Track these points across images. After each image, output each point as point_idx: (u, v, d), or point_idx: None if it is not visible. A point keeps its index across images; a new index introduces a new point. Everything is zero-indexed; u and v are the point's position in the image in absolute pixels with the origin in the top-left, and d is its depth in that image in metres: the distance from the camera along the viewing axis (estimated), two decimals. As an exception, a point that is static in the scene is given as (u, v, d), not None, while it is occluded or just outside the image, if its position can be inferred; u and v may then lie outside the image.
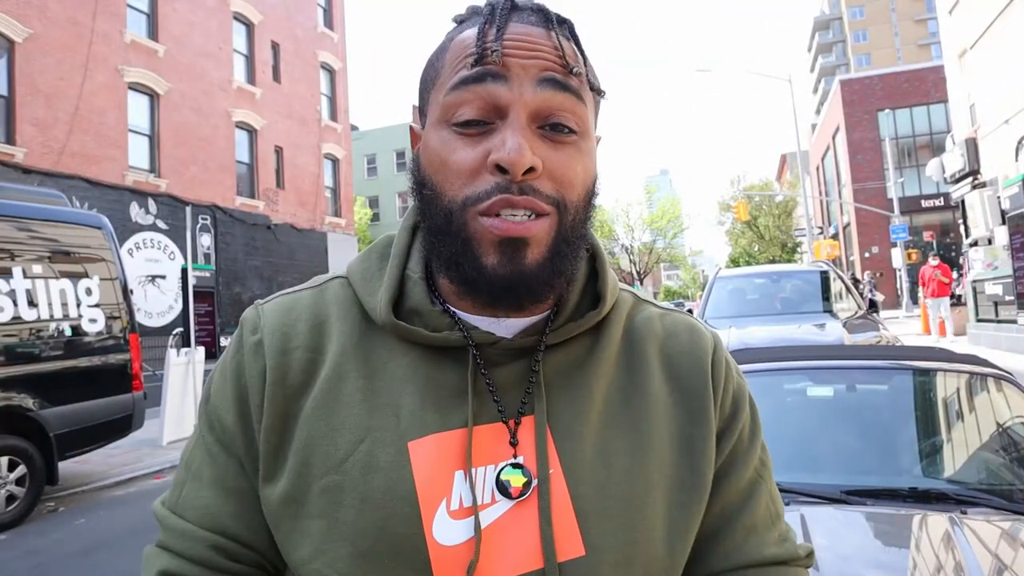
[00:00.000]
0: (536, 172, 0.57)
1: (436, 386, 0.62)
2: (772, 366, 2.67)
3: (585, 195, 0.62)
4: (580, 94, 0.60)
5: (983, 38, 14.37)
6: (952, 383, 2.49)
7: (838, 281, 7.50)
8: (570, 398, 0.63)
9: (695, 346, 0.70)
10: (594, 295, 0.68)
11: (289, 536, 0.59)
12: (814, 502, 1.93)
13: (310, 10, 21.11)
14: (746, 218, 33.62)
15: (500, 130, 0.58)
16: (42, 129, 12.47)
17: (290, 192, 19.37)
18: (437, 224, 0.61)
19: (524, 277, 0.58)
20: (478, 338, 0.63)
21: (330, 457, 0.59)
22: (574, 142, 0.60)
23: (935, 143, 27.21)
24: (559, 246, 0.59)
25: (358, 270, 0.69)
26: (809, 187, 36.86)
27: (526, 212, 0.57)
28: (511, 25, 0.59)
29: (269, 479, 0.61)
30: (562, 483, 0.59)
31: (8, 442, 5.41)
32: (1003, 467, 2.21)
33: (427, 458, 0.59)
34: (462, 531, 0.57)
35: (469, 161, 0.58)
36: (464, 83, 0.58)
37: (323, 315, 0.66)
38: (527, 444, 0.61)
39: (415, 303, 0.64)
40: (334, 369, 0.63)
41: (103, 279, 6.40)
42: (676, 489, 0.63)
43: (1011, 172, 13.73)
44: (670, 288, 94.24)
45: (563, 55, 0.59)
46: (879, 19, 75.85)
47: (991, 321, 12.09)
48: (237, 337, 0.67)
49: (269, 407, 0.62)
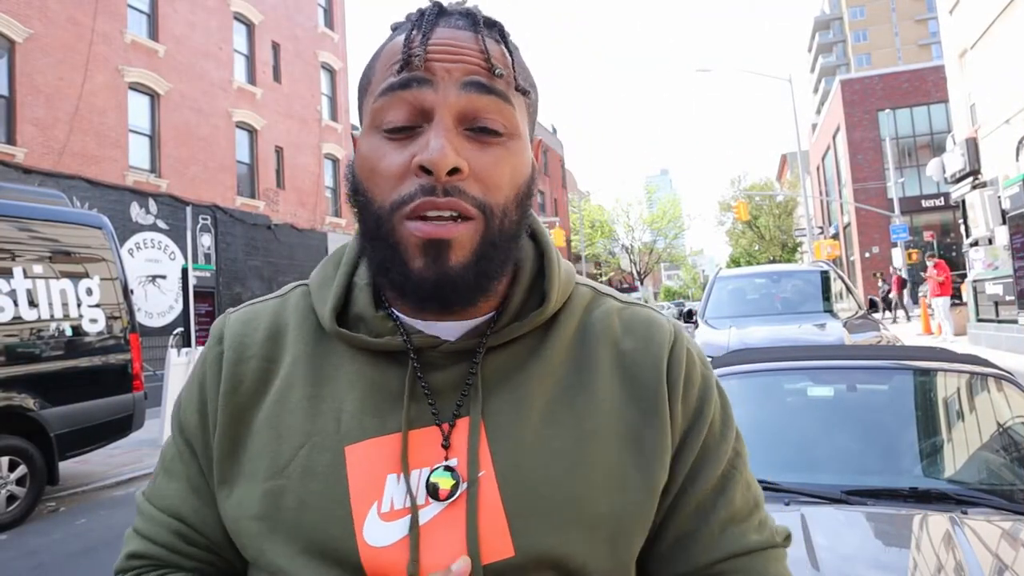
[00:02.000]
0: (462, 173, 0.57)
1: (377, 390, 0.63)
2: (772, 366, 2.67)
3: (515, 196, 0.62)
4: (506, 96, 0.60)
5: (983, 38, 14.36)
6: (952, 383, 2.49)
7: (838, 281, 7.51)
8: (509, 399, 0.63)
9: (651, 342, 0.68)
10: (542, 294, 0.68)
11: (238, 536, 0.63)
12: (814, 502, 1.92)
13: (310, 10, 21.10)
14: (746, 218, 33.59)
15: (426, 132, 0.58)
16: (42, 129, 12.47)
17: (290, 192, 19.37)
18: (370, 230, 0.61)
19: (448, 280, 0.58)
20: (420, 342, 0.63)
21: (275, 463, 0.62)
22: (502, 143, 0.60)
23: (935, 143, 27.19)
24: (485, 249, 0.59)
25: (316, 278, 0.71)
26: (809, 187, 36.85)
27: (451, 214, 0.57)
28: (438, 30, 0.60)
29: (223, 483, 0.64)
30: (493, 485, 0.60)
31: (9, 442, 5.41)
32: (1004, 467, 2.21)
33: (362, 462, 0.60)
34: (391, 533, 0.58)
35: (396, 165, 0.59)
36: (391, 89, 0.59)
37: (282, 324, 0.69)
38: (460, 447, 0.61)
39: (360, 309, 0.66)
40: (285, 377, 0.65)
41: (103, 279, 6.40)
42: (623, 489, 0.62)
43: (1011, 172, 13.73)
44: (670, 288, 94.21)
45: (488, 58, 0.59)
46: (879, 19, 75.84)
47: (991, 321, 12.09)
48: (205, 347, 0.71)
49: (223, 414, 0.65)
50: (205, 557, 0.68)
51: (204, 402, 0.67)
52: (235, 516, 0.62)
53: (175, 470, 0.69)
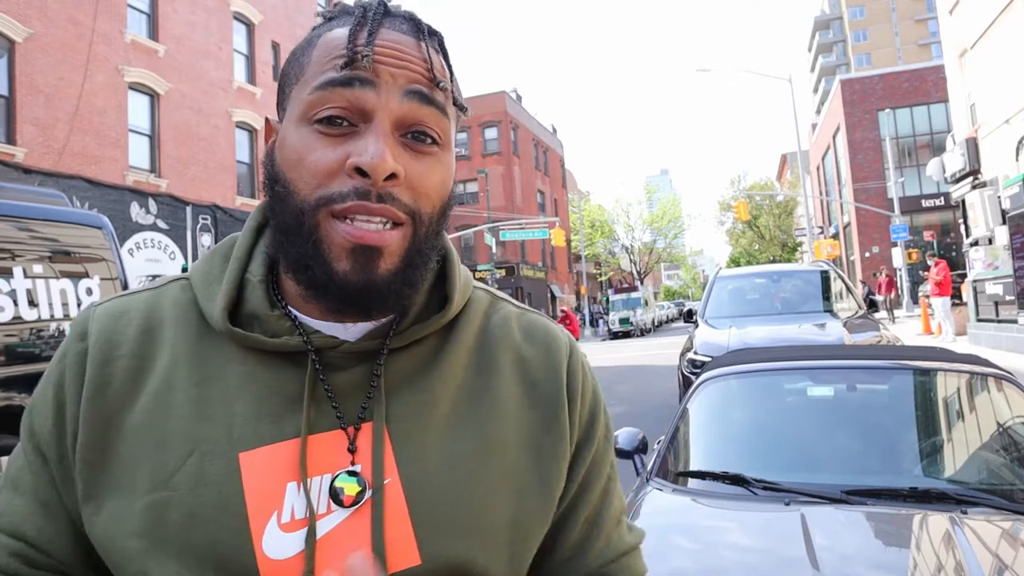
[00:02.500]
0: (397, 180, 0.57)
1: (273, 394, 0.60)
2: (772, 366, 2.67)
3: (440, 207, 0.62)
4: (444, 108, 0.60)
5: (983, 38, 14.37)
6: (952, 383, 2.49)
7: (838, 281, 7.51)
8: (413, 402, 0.62)
9: (551, 352, 0.70)
10: (442, 297, 0.67)
11: (111, 556, 0.56)
12: (814, 502, 1.92)
13: (310, 10, 21.10)
14: (747, 218, 33.60)
15: (363, 135, 0.57)
16: (42, 129, 12.47)
17: (290, 192, 19.40)
18: (287, 223, 0.59)
19: (375, 286, 0.57)
20: (319, 342, 0.61)
21: (157, 473, 0.56)
22: (435, 153, 0.60)
23: (935, 143, 27.19)
24: (412, 257, 0.59)
25: (199, 272, 0.67)
26: (809, 187, 36.86)
27: (382, 220, 0.57)
28: (382, 31, 0.59)
29: (91, 498, 0.58)
30: (399, 491, 0.58)
31: (8, 442, 5.42)
32: (1003, 467, 2.21)
33: (259, 470, 0.57)
34: (293, 544, 0.55)
35: (327, 161, 0.57)
36: (331, 84, 0.57)
37: (156, 319, 0.64)
38: (365, 451, 0.59)
39: (253, 307, 0.62)
40: (164, 378, 0.60)
41: (103, 279, 6.40)
42: (523, 494, 0.62)
43: (1011, 172, 13.73)
44: (670, 288, 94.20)
45: (431, 68, 0.59)
46: (879, 19, 75.85)
47: (991, 321, 12.08)
48: (64, 343, 0.64)
49: (86, 421, 0.59)
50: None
51: (62, 405, 0.60)
52: (110, 534, 0.56)
53: (21, 483, 0.61)
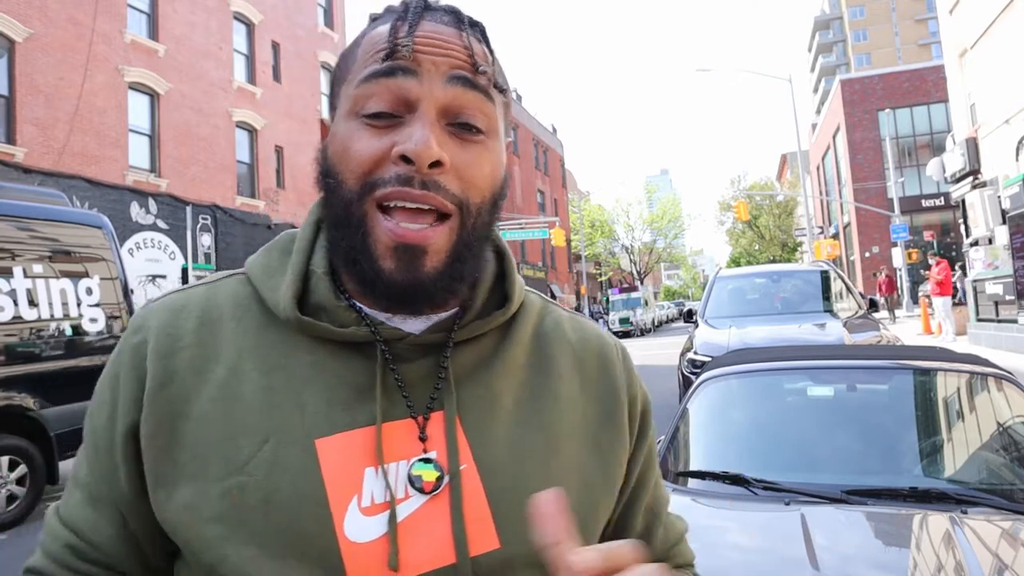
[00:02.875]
0: (443, 167, 0.57)
1: (343, 383, 0.61)
2: (772, 366, 2.67)
3: (490, 197, 0.62)
4: (488, 93, 0.61)
5: (983, 38, 14.36)
6: (952, 383, 2.49)
7: (838, 281, 7.51)
8: (479, 395, 0.64)
9: (604, 353, 0.73)
10: (502, 295, 0.69)
11: (190, 543, 0.57)
12: (814, 502, 1.92)
13: (310, 10, 21.09)
14: (747, 218, 33.60)
15: (408, 123, 0.58)
16: (42, 129, 12.46)
17: (291, 192, 19.36)
18: (338, 215, 0.61)
19: (422, 285, 0.58)
20: (386, 334, 0.62)
21: (230, 460, 0.57)
22: (482, 141, 0.60)
23: (935, 143, 27.19)
24: (459, 251, 0.59)
25: (258, 265, 0.68)
26: (809, 187, 36.85)
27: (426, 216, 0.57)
28: (423, 23, 0.60)
29: (160, 485, 0.59)
30: (475, 477, 0.60)
31: (8, 442, 5.41)
32: (1003, 467, 2.21)
33: (336, 456, 0.58)
34: (374, 527, 0.56)
35: (373, 150, 0.58)
36: (375, 76, 0.58)
37: (215, 313, 0.64)
38: (438, 439, 0.61)
39: (320, 298, 0.63)
40: (230, 368, 0.61)
41: (103, 279, 6.40)
42: (587, 488, 0.65)
43: (1011, 172, 13.73)
44: (670, 288, 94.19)
45: (472, 55, 0.60)
46: (879, 19, 75.84)
47: (991, 321, 12.08)
48: (123, 339, 0.65)
49: (152, 412, 0.60)
50: (96, 572, 0.62)
51: (116, 400, 0.62)
52: (185, 521, 0.57)
53: (80, 479, 0.64)
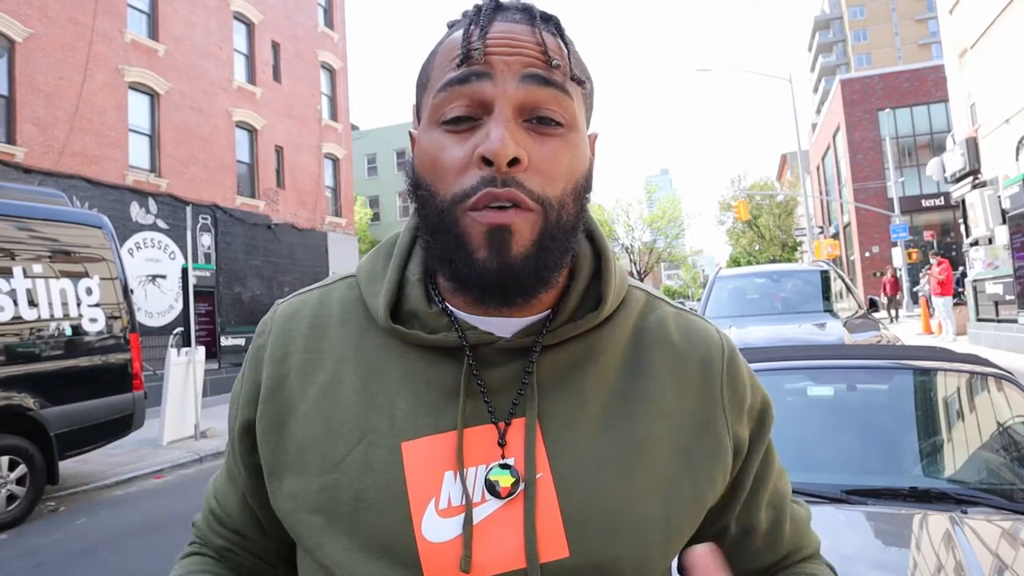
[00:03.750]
0: (522, 164, 0.58)
1: (432, 387, 0.63)
2: (772, 366, 2.66)
3: (573, 189, 0.62)
4: (564, 87, 0.61)
5: (983, 38, 14.36)
6: (952, 383, 2.49)
7: (838, 280, 7.50)
8: (565, 400, 0.63)
9: (708, 354, 0.69)
10: (597, 296, 0.67)
11: (294, 528, 0.63)
12: (814, 502, 1.92)
13: (310, 10, 21.08)
14: (747, 218, 33.59)
15: (486, 125, 0.59)
16: (42, 129, 12.46)
17: (290, 192, 19.36)
18: (432, 223, 0.61)
19: (511, 270, 0.58)
20: (475, 338, 0.63)
21: (328, 458, 0.62)
22: (561, 135, 0.60)
23: (935, 143, 27.17)
24: (544, 242, 0.59)
25: (365, 270, 0.71)
26: (809, 187, 36.84)
27: (509, 203, 0.58)
28: (495, 24, 0.60)
29: (273, 475, 0.65)
30: (550, 486, 0.60)
31: (8, 442, 5.41)
32: (1004, 467, 2.21)
33: (419, 459, 0.60)
34: (450, 529, 0.59)
35: (458, 158, 0.59)
36: (450, 84, 0.60)
37: (325, 316, 0.69)
38: (517, 446, 0.61)
39: (413, 305, 0.66)
40: (333, 372, 0.65)
41: (103, 279, 6.40)
42: (674, 496, 0.63)
43: (1011, 171, 13.72)
44: (670, 288, 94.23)
45: (545, 50, 0.60)
46: (879, 19, 75.81)
47: (991, 320, 12.08)
48: (254, 338, 0.73)
49: (266, 411, 0.66)
50: (230, 537, 0.74)
51: (242, 396, 0.70)
52: (291, 509, 0.63)
53: (227, 456, 0.75)
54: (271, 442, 0.65)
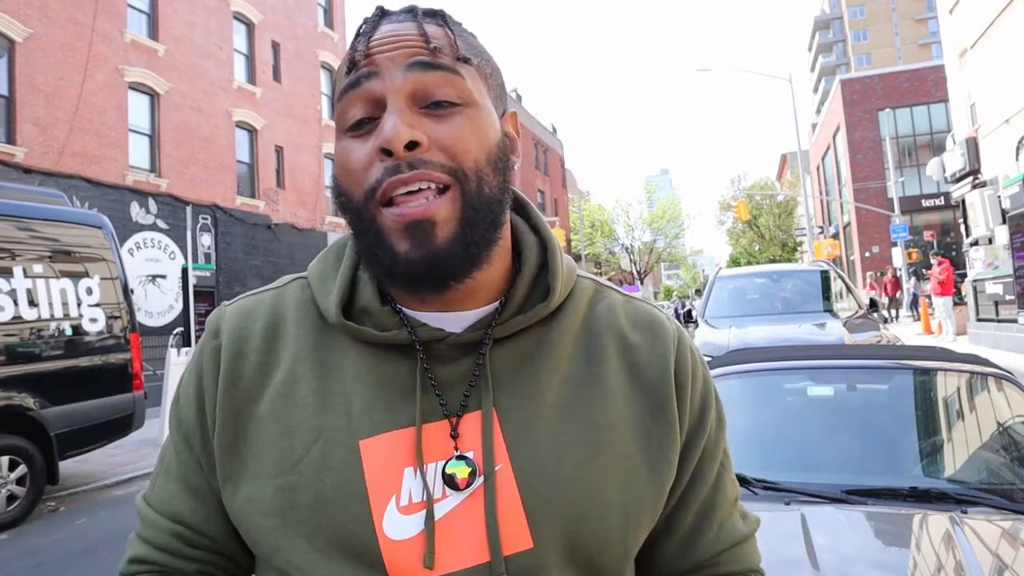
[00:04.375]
0: (422, 147, 0.58)
1: (386, 384, 0.63)
2: (772, 366, 2.66)
3: (487, 159, 0.61)
4: (451, 67, 0.61)
5: (983, 38, 14.36)
6: (953, 382, 2.49)
7: (838, 280, 7.50)
8: (520, 391, 0.64)
9: (658, 340, 0.70)
10: (546, 287, 0.68)
11: (250, 533, 0.62)
12: (814, 502, 1.92)
13: (310, 10, 21.09)
14: (747, 218, 33.57)
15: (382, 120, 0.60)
16: (42, 129, 12.46)
17: (291, 192, 19.36)
18: (355, 226, 0.63)
19: (438, 258, 0.58)
20: (426, 335, 0.64)
21: (285, 459, 0.61)
22: (459, 111, 0.61)
23: (935, 143, 27.17)
24: (468, 215, 0.59)
25: (316, 271, 0.71)
26: (809, 187, 36.83)
27: (422, 185, 0.58)
28: (380, 28, 0.62)
29: (228, 479, 0.63)
30: (510, 477, 0.60)
31: (9, 442, 5.41)
32: (1004, 466, 2.21)
33: (377, 456, 0.60)
34: (412, 526, 0.59)
35: (362, 157, 0.60)
36: (345, 91, 0.62)
37: (279, 317, 0.68)
38: (474, 439, 0.62)
39: (365, 303, 0.66)
40: (289, 372, 0.65)
41: (103, 279, 6.40)
42: (632, 482, 0.63)
43: (1011, 171, 13.72)
44: (670, 288, 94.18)
45: (426, 39, 0.61)
46: (879, 18, 75.80)
47: (991, 320, 12.08)
48: (201, 340, 0.70)
49: (221, 411, 0.64)
50: (208, 558, 0.67)
51: (202, 398, 0.66)
52: (246, 512, 0.61)
53: (172, 470, 0.68)
54: (225, 445, 0.64)
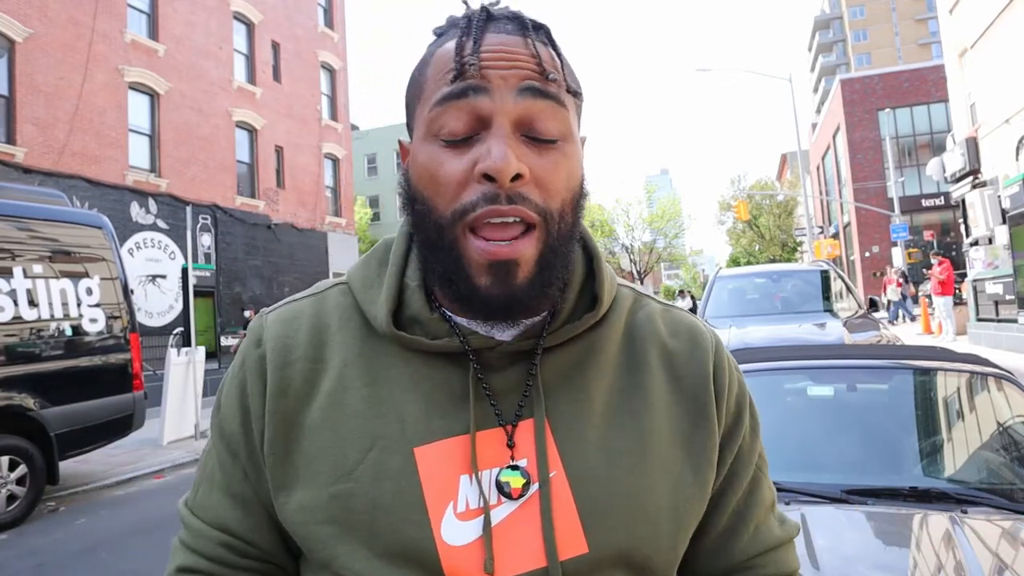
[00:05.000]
0: (524, 179, 0.58)
1: (439, 393, 0.63)
2: (772, 366, 2.66)
3: (571, 200, 0.62)
4: (560, 99, 0.61)
5: (983, 38, 14.36)
6: (952, 382, 2.49)
7: (838, 280, 7.50)
8: (570, 399, 0.64)
9: (696, 347, 0.71)
10: (592, 296, 0.69)
11: (306, 541, 0.62)
12: (815, 502, 1.92)
13: (310, 10, 21.08)
14: (747, 218, 33.57)
15: (485, 140, 0.59)
16: (42, 129, 12.46)
17: (290, 192, 19.35)
18: (430, 238, 0.62)
19: (516, 297, 0.59)
20: (476, 343, 0.64)
21: (339, 466, 0.61)
22: (558, 147, 0.61)
23: (935, 142, 27.16)
24: (547, 258, 0.60)
25: (358, 277, 0.70)
26: (809, 186, 36.84)
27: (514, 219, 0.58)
28: (488, 36, 0.60)
29: (280, 487, 0.63)
30: (564, 484, 0.61)
31: (9, 442, 5.41)
32: (1003, 466, 2.21)
33: (433, 464, 0.61)
34: (469, 532, 0.59)
35: (457, 173, 0.59)
36: (447, 98, 0.59)
37: (323, 324, 0.68)
38: (528, 447, 0.62)
39: (415, 311, 0.65)
40: (338, 379, 0.64)
41: (103, 279, 6.40)
42: (679, 486, 0.65)
43: (1011, 171, 13.72)
44: (670, 288, 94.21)
45: (540, 62, 0.60)
46: (879, 18, 75.79)
47: (991, 320, 12.08)
48: (243, 349, 0.69)
49: (271, 419, 0.64)
50: (257, 567, 0.67)
51: (247, 407, 0.66)
52: (301, 520, 0.61)
53: (217, 480, 0.68)
54: (276, 454, 0.63)
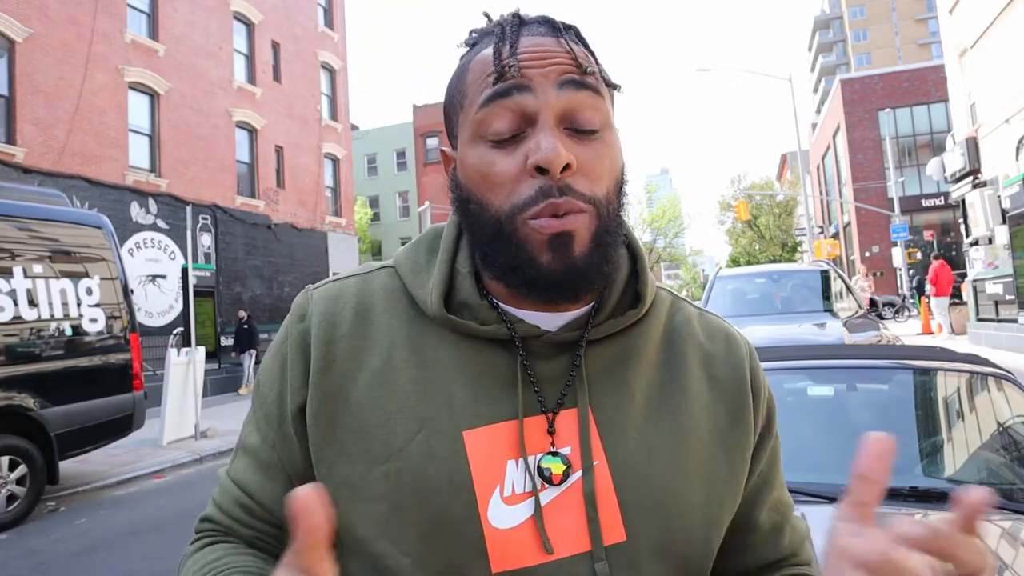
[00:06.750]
0: (572, 169, 0.61)
1: (486, 378, 0.65)
2: (772, 365, 2.66)
3: (615, 186, 0.65)
4: (598, 90, 0.64)
5: (983, 37, 14.36)
6: (952, 382, 2.49)
7: (838, 280, 7.50)
8: (612, 392, 0.67)
9: (733, 351, 0.74)
10: (634, 294, 0.71)
11: (349, 516, 0.63)
12: (815, 502, 1.92)
13: (310, 10, 21.07)
14: (747, 217, 33.58)
15: (532, 135, 0.61)
16: (42, 129, 12.45)
17: (290, 192, 19.35)
18: (488, 234, 0.64)
19: (576, 268, 0.61)
20: (523, 331, 0.66)
21: (389, 445, 0.63)
22: (600, 137, 0.64)
23: (935, 142, 27.17)
24: (601, 237, 0.63)
25: (406, 261, 0.73)
26: (809, 186, 36.83)
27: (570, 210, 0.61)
28: (522, 39, 0.63)
29: (322, 460, 0.65)
30: (606, 472, 0.64)
31: (9, 442, 5.41)
32: (1003, 466, 2.21)
33: (481, 447, 0.63)
34: (515, 515, 0.61)
35: (509, 170, 0.62)
36: (492, 99, 0.62)
37: (368, 303, 0.70)
38: (569, 434, 0.64)
39: (464, 297, 0.68)
40: (384, 359, 0.66)
41: (103, 279, 6.40)
42: (713, 483, 0.67)
43: (1011, 171, 13.72)
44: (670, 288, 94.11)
45: (575, 58, 0.63)
46: (879, 18, 75.79)
47: (991, 320, 12.08)
48: (287, 324, 0.71)
49: (315, 394, 0.66)
50: (264, 528, 0.70)
51: (285, 379, 0.68)
52: (345, 496, 0.63)
53: (249, 445, 0.71)
54: (320, 426, 0.65)
